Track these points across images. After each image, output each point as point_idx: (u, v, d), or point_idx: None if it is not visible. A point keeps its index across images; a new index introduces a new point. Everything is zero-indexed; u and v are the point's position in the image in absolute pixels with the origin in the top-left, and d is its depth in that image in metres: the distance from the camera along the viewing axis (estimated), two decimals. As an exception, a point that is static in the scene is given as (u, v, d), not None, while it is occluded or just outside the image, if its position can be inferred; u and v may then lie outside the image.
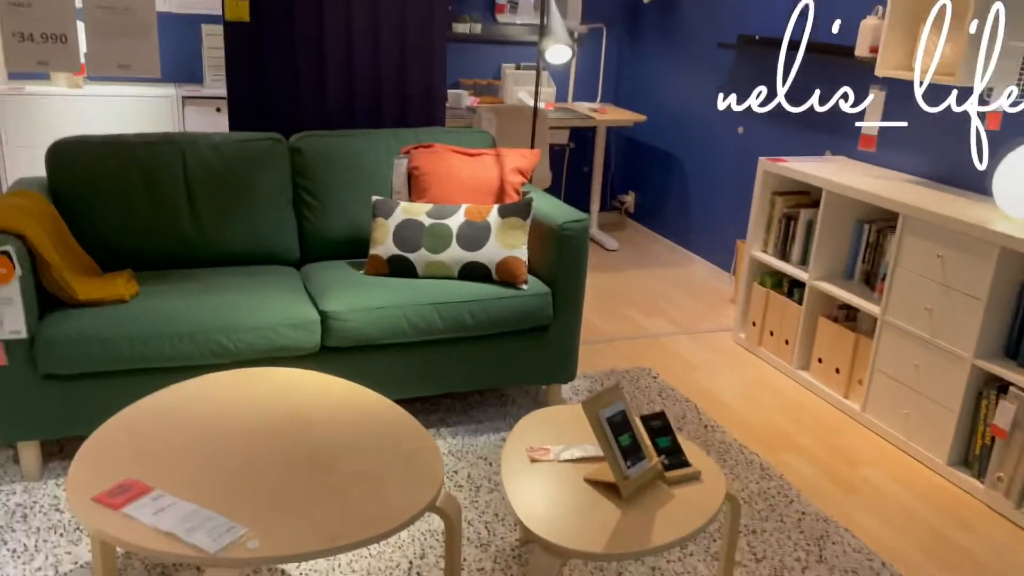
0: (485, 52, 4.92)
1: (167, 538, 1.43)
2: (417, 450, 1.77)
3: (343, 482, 1.63)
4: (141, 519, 1.48)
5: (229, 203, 2.85)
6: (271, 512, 1.52)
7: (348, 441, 1.79)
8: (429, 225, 2.74)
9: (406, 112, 3.46)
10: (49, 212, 2.50)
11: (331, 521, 1.51)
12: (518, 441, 1.92)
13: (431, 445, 1.79)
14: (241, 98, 3.19)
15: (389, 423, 1.88)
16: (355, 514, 1.53)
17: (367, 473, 1.67)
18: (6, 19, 2.77)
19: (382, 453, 1.74)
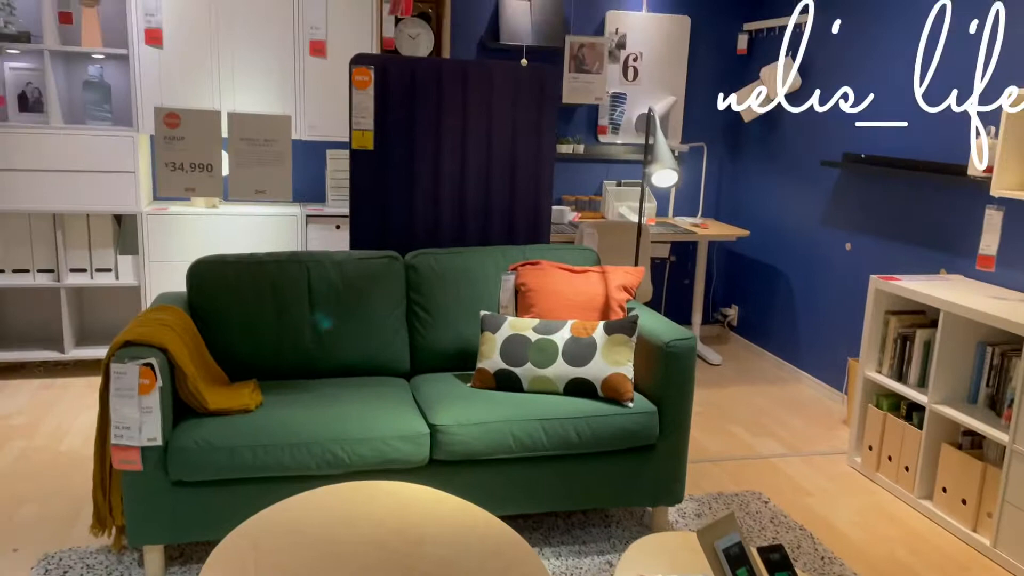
0: (587, 170, 5.09)
1: (288, 654, 1.47)
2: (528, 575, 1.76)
3: (456, 605, 1.64)
4: (264, 633, 1.52)
5: (347, 317, 3.00)
6: (386, 633, 1.54)
7: (459, 561, 1.80)
8: (535, 340, 2.80)
9: (513, 230, 3.61)
10: (188, 326, 2.70)
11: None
12: (629, 568, 1.89)
13: (541, 570, 1.79)
14: (362, 218, 3.41)
15: (499, 544, 1.89)
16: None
17: (479, 596, 1.67)
18: (161, 151, 3.10)
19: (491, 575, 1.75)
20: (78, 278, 4.14)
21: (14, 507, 2.86)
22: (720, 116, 5.23)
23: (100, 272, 4.18)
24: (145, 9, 3.97)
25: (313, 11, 4.19)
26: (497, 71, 3.45)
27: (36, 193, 3.94)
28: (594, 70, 4.79)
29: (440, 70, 3.38)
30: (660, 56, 5.01)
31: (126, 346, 2.39)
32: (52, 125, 3.95)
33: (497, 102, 3.48)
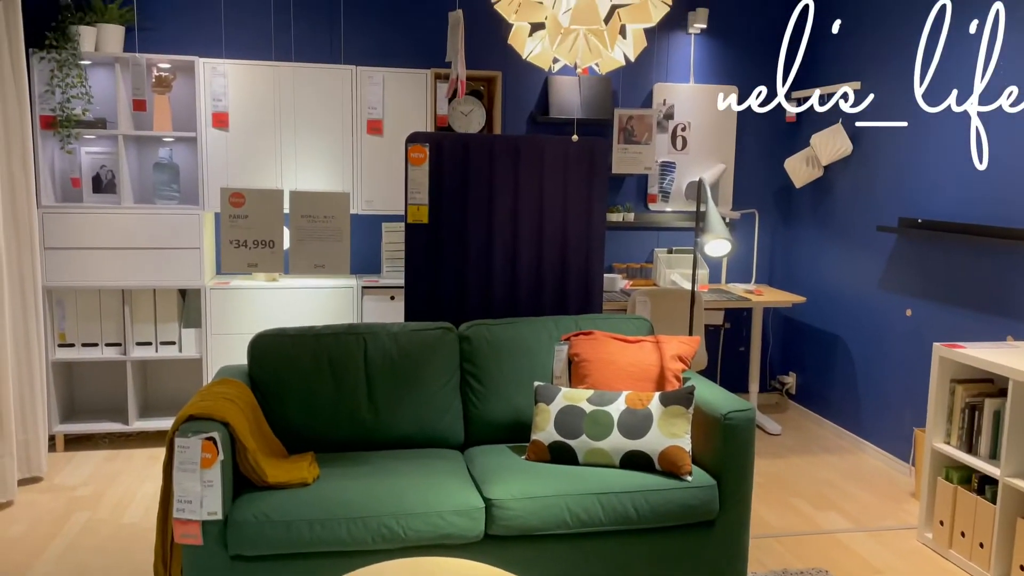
0: (638, 238, 5.11)
1: None
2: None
3: None
4: None
5: (403, 389, 3.03)
6: None
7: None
8: (590, 412, 2.79)
9: (566, 300, 3.63)
10: (248, 400, 2.76)
11: None
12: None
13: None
14: (417, 290, 3.48)
15: (558, 625, 1.85)
16: None
17: None
18: (226, 228, 3.22)
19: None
20: (143, 351, 4.28)
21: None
22: (771, 182, 5.23)
23: (164, 345, 4.31)
24: (213, 95, 4.18)
25: (371, 92, 4.37)
26: (548, 145, 3.53)
27: (107, 270, 4.12)
28: (643, 141, 4.85)
29: (492, 146, 3.48)
30: (708, 125, 5.06)
31: (189, 420, 2.45)
32: (123, 205, 4.15)
33: (548, 175, 3.55)
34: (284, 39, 4.53)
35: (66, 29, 3.96)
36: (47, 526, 3.33)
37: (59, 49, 3.94)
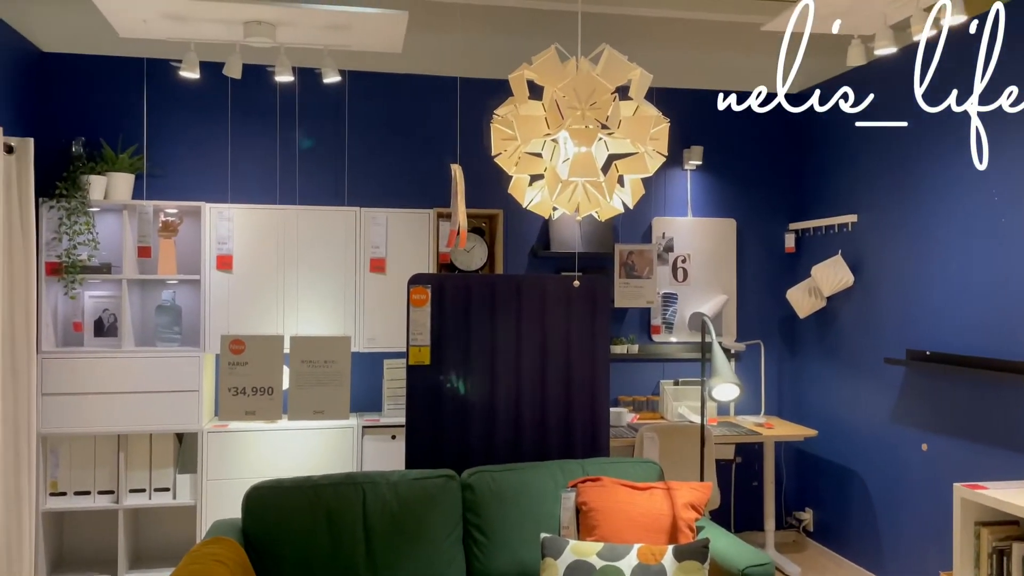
0: (643, 369, 5.05)
1: None
2: None
3: None
4: None
5: (403, 544, 2.90)
6: None
7: None
8: (600, 568, 2.64)
9: (571, 440, 3.53)
10: (241, 561, 2.63)
11: None
12: None
13: None
14: (419, 433, 3.39)
15: None
16: None
17: None
18: (225, 376, 3.18)
19: None
20: (137, 499, 4.14)
21: None
22: (774, 312, 5.22)
23: (158, 492, 4.18)
24: (218, 238, 4.24)
25: (374, 232, 4.43)
26: (549, 283, 3.54)
27: (104, 414, 4.05)
28: (644, 275, 4.88)
29: (494, 285, 3.48)
30: (708, 257, 5.11)
31: (178, 588, 2.32)
32: (124, 348, 4.13)
33: (550, 313, 3.54)
34: (289, 183, 4.64)
35: (76, 179, 4.07)
36: None
37: (68, 198, 4.03)
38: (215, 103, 4.56)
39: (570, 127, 2.28)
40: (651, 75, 2.48)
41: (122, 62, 4.46)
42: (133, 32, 3.60)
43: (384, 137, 4.76)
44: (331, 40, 3.63)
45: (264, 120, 4.61)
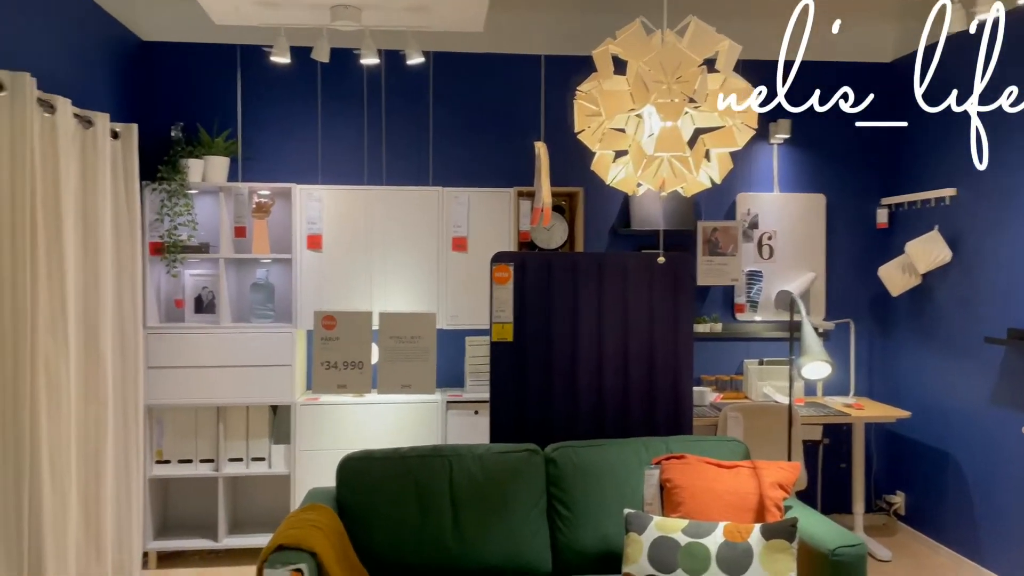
0: (726, 348, 4.98)
1: None
2: None
3: None
4: None
5: (488, 513, 2.96)
6: None
7: None
8: (685, 544, 2.65)
9: (654, 418, 3.52)
10: (336, 527, 2.74)
11: None
12: None
13: None
14: (502, 409, 3.44)
15: None
16: None
17: None
18: (319, 350, 3.30)
19: None
20: (235, 467, 4.35)
21: None
22: (865, 290, 5.05)
23: (255, 461, 4.38)
24: (308, 218, 4.39)
25: (456, 211, 4.49)
26: (631, 261, 3.52)
27: (203, 387, 4.26)
28: (728, 252, 4.80)
29: (576, 263, 3.49)
30: (796, 234, 4.98)
31: (279, 550, 2.44)
32: (222, 324, 4.32)
33: (633, 290, 3.52)
34: (376, 164, 4.74)
35: (176, 162, 4.26)
36: (136, 649, 3.33)
37: (169, 181, 4.23)
38: (305, 87, 4.69)
39: (656, 101, 2.26)
40: (740, 46, 2.43)
41: (217, 49, 4.63)
42: (227, 19, 3.73)
43: (467, 117, 4.80)
44: (414, 21, 3.68)
45: (351, 102, 4.72)
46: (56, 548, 3.07)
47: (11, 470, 2.79)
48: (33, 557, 2.93)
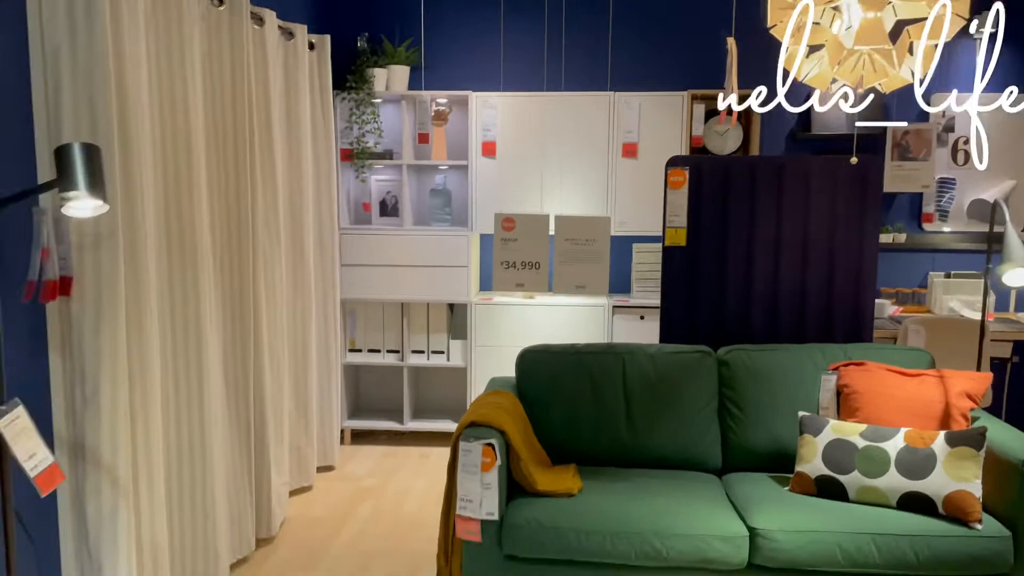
0: (909, 260, 4.75)
1: None
2: None
3: None
4: None
5: (659, 409, 3.08)
6: None
7: None
8: (863, 447, 2.65)
9: (830, 327, 3.47)
10: (519, 411, 2.96)
11: None
12: None
13: None
14: (673, 312, 3.51)
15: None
16: None
17: None
18: (499, 251, 3.48)
19: None
20: (417, 359, 4.72)
21: (370, 560, 3.28)
22: (1075, 199, 4.61)
23: (435, 354, 4.72)
24: (483, 125, 4.53)
25: (627, 117, 4.49)
26: (814, 165, 3.41)
27: (389, 285, 4.61)
28: (920, 157, 4.51)
29: (754, 167, 3.43)
30: (995, 137, 4.58)
31: (471, 426, 2.68)
32: (404, 227, 4.62)
33: (814, 197, 3.43)
34: (555, 70, 4.79)
35: (363, 72, 4.50)
36: (340, 511, 3.79)
37: (356, 90, 4.48)
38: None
39: (859, -9, 2.16)
40: (956, -73, 2.25)
41: (396, -40, 4.78)
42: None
43: (650, 15, 4.72)
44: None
45: (532, 8, 4.75)
46: (274, 419, 3.51)
47: (239, 350, 3.20)
48: (257, 424, 3.38)
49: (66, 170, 1.56)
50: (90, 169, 1.57)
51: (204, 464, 2.87)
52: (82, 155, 1.57)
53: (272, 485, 3.42)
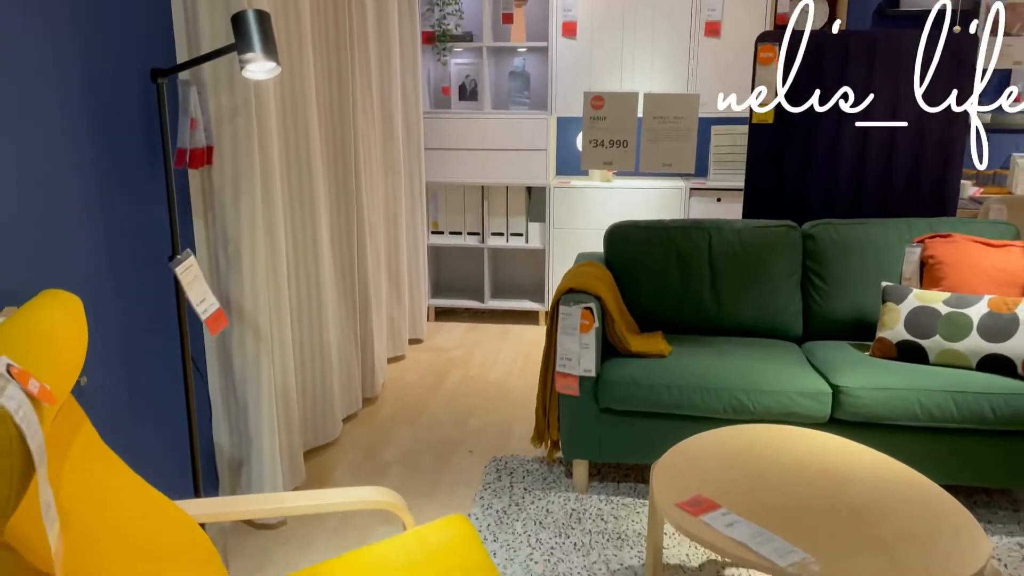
0: (993, 140, 4.68)
1: (740, 547, 1.75)
2: (958, 523, 1.85)
3: (889, 537, 1.80)
4: (716, 527, 1.83)
5: (744, 281, 3.22)
6: (825, 548, 1.75)
7: (887, 502, 1.94)
8: (946, 313, 2.77)
9: (915, 204, 3.52)
10: (609, 280, 3.13)
11: (881, 567, 1.68)
12: (1066, 539, 1.87)
13: (971, 521, 1.86)
14: (757, 189, 3.59)
15: (924, 493, 1.98)
16: (904, 567, 1.69)
17: (912, 533, 1.81)
18: (587, 129, 3.57)
19: (923, 520, 1.87)
20: (497, 241, 4.90)
21: (465, 418, 3.57)
22: None
23: (513, 236, 4.89)
24: (564, 5, 4.53)
25: (710, -6, 4.43)
26: (906, 40, 3.38)
27: (469, 168, 4.74)
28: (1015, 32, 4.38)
29: (847, 43, 3.42)
30: (1097, 10, 4.41)
31: (570, 292, 2.87)
32: (484, 111, 4.70)
33: (905, 72, 3.41)
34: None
35: (443, -47, 4.50)
36: (433, 376, 4.07)
37: (437, -28, 4.50)
38: None
39: None
40: None
41: None
42: None
43: None
44: None
45: None
46: (374, 291, 3.76)
47: (344, 225, 3.40)
48: (361, 294, 3.63)
49: (243, 34, 1.71)
50: (263, 33, 1.72)
51: (320, 327, 3.13)
52: (256, 20, 1.71)
53: (375, 350, 3.69)
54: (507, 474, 3.07)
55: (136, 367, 2.18)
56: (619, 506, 2.84)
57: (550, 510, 2.81)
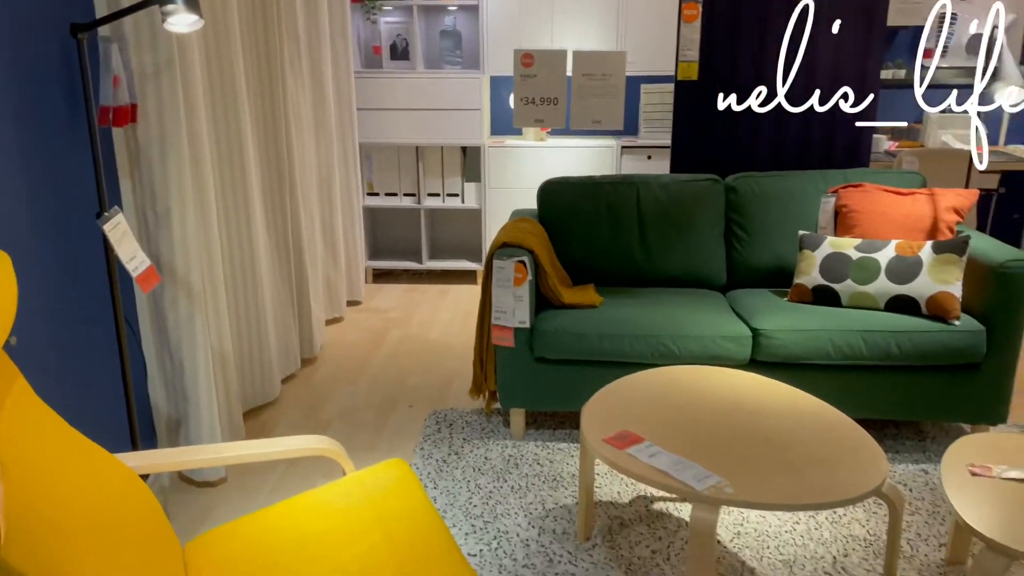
0: (907, 96, 4.89)
1: (661, 474, 1.87)
2: (861, 447, 2.00)
3: (798, 460, 1.94)
4: (639, 458, 1.94)
5: (671, 233, 3.34)
6: (739, 473, 1.88)
7: (798, 431, 2.09)
8: (857, 259, 2.93)
9: (831, 156, 3.68)
10: (543, 235, 3.21)
11: (790, 487, 1.82)
12: (956, 459, 2.04)
13: (873, 444, 2.01)
14: (683, 145, 3.71)
15: (832, 422, 2.14)
16: (811, 486, 1.83)
17: (819, 457, 1.95)
18: (518, 87, 3.62)
19: (830, 445, 2.01)
20: (433, 201, 4.93)
21: (404, 376, 3.63)
22: (1072, 32, 4.71)
23: (449, 196, 4.93)
24: (493, -36, 4.52)
25: (637, -47, 4.48)
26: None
27: (402, 128, 4.74)
28: (924, -10, 4.56)
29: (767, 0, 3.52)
30: (1002, -31, 4.62)
31: (504, 247, 2.94)
32: (416, 70, 4.70)
33: (822, 27, 3.54)
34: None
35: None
36: (372, 336, 4.11)
37: (364, -71, 4.44)
38: None
39: None
40: None
41: None
42: None
43: None
44: None
45: None
46: (309, 251, 3.76)
47: (275, 186, 3.39)
48: (296, 255, 3.63)
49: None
50: (185, -15, 1.71)
51: (255, 286, 3.14)
52: (176, -28, 1.70)
53: (312, 311, 3.71)
54: (447, 426, 3.15)
55: (67, 326, 2.17)
56: (554, 451, 2.95)
57: (488, 457, 2.91)
